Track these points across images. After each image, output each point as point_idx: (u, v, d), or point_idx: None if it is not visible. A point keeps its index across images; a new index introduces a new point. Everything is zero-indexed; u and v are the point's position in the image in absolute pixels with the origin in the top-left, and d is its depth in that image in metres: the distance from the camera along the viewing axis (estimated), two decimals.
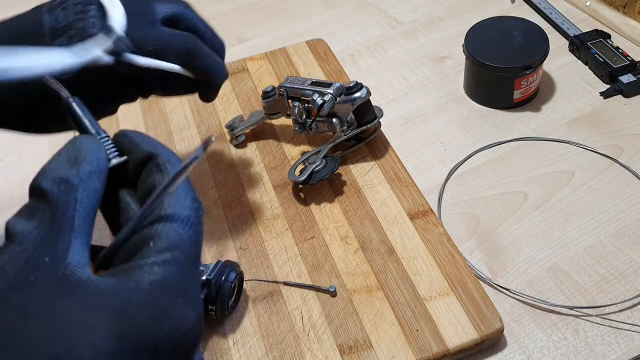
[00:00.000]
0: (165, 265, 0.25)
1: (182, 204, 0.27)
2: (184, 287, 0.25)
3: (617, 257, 0.55)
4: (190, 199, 0.28)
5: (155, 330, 0.24)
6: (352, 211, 0.59)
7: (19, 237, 0.24)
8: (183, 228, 0.26)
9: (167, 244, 0.26)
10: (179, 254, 0.26)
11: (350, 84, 0.60)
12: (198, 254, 0.27)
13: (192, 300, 0.26)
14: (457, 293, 0.51)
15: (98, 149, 0.28)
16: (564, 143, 0.66)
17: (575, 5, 0.82)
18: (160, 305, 0.24)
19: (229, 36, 0.84)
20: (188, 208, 0.27)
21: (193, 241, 0.27)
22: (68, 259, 0.24)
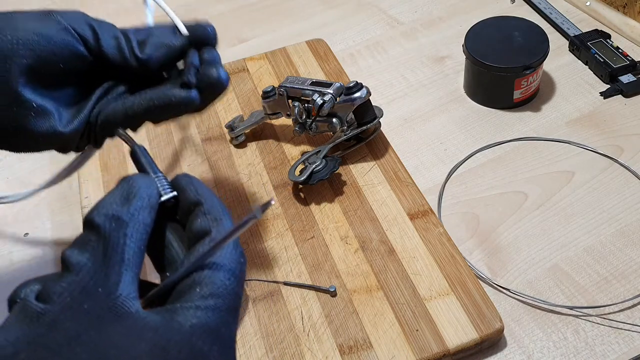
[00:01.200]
0: (207, 310, 0.27)
1: (230, 255, 0.29)
2: (222, 335, 0.27)
3: (617, 257, 0.55)
4: (239, 253, 0.30)
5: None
6: (352, 211, 0.59)
7: (75, 267, 0.26)
8: (228, 279, 0.28)
9: (211, 290, 0.27)
10: (221, 302, 0.27)
11: (350, 84, 0.60)
12: (238, 306, 0.29)
13: (228, 349, 0.27)
14: (457, 293, 0.51)
15: (150, 186, 0.30)
16: (564, 143, 0.66)
17: (575, 5, 0.82)
18: (198, 349, 0.25)
19: (229, 36, 0.84)
20: (235, 261, 0.29)
21: (236, 293, 0.28)
22: (119, 291, 0.26)
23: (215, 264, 0.28)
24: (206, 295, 0.27)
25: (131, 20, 0.93)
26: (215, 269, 0.28)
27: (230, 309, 0.28)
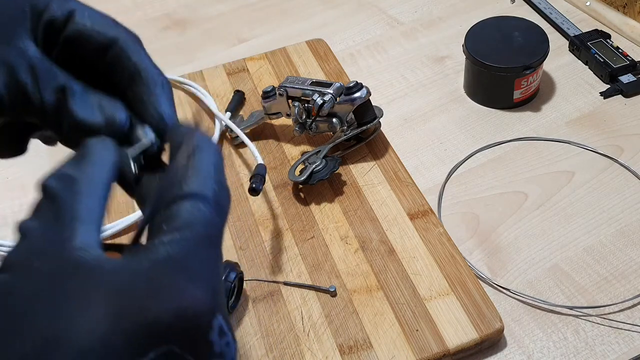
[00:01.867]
0: (171, 244, 0.24)
1: (203, 183, 0.27)
2: (190, 266, 0.24)
3: (617, 257, 0.55)
4: (213, 180, 0.27)
5: (151, 306, 0.23)
6: (352, 211, 0.59)
7: (27, 233, 0.25)
8: (198, 208, 0.26)
9: (178, 224, 0.25)
10: (188, 233, 0.25)
11: (350, 84, 0.60)
12: (213, 235, 0.26)
13: (198, 278, 0.24)
14: (457, 293, 0.51)
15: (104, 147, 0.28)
16: (564, 143, 0.66)
17: (575, 5, 0.82)
18: (158, 282, 0.23)
19: (229, 36, 0.84)
20: (209, 189, 0.27)
21: (208, 221, 0.26)
22: (73, 243, 0.24)
23: (185, 194, 0.26)
24: (171, 229, 0.25)
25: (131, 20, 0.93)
26: (184, 199, 0.26)
27: (200, 237, 0.25)
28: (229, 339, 0.25)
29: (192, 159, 0.28)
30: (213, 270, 0.25)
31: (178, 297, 0.23)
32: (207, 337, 0.24)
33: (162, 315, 0.23)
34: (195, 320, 0.23)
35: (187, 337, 0.23)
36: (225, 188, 0.28)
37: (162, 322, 0.22)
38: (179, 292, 0.23)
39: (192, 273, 0.24)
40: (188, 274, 0.24)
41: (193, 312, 0.23)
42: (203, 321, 0.24)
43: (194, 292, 0.24)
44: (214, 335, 0.24)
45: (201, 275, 0.24)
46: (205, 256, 0.25)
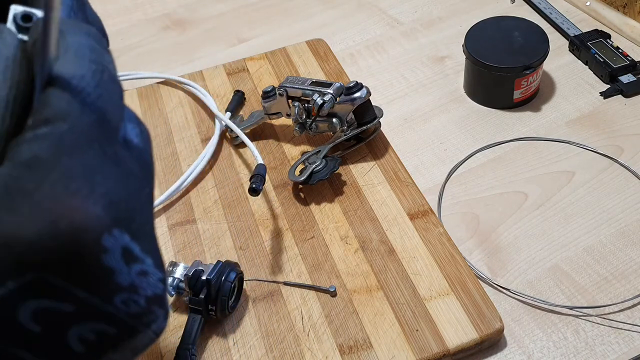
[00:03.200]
0: (37, 141, 0.18)
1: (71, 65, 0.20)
2: (66, 166, 0.18)
3: (617, 257, 0.55)
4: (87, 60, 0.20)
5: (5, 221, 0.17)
6: (352, 211, 0.59)
7: None
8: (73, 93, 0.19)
9: (48, 114, 0.19)
10: (61, 125, 0.19)
11: (350, 84, 0.60)
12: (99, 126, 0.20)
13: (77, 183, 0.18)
14: (457, 293, 0.51)
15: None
16: (564, 143, 0.66)
17: (575, 5, 0.82)
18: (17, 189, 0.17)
19: (229, 36, 0.84)
20: (81, 68, 0.20)
21: (88, 106, 0.19)
22: None
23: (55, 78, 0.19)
24: (39, 122, 0.19)
25: (131, 20, 0.93)
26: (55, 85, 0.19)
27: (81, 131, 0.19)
28: (144, 266, 0.19)
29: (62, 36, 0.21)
30: (102, 172, 0.19)
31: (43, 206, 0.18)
32: (100, 262, 0.18)
33: (21, 232, 0.17)
34: (75, 237, 0.18)
35: (65, 262, 0.18)
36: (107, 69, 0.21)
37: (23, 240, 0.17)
38: (47, 199, 0.18)
39: (67, 177, 0.18)
40: (61, 178, 0.18)
41: (68, 223, 0.18)
42: (86, 239, 0.18)
43: (68, 199, 0.18)
44: (113, 260, 0.18)
45: (82, 179, 0.18)
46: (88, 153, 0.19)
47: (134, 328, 0.19)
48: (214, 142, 0.66)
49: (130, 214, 0.19)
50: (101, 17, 0.44)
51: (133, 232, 0.19)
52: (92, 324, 0.19)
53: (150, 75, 0.74)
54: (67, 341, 0.18)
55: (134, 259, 0.19)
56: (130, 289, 0.19)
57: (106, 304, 0.19)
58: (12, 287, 0.17)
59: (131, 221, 0.19)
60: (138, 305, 0.19)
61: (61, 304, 0.18)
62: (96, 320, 0.19)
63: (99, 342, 0.19)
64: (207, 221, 0.59)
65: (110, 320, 0.19)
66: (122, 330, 0.19)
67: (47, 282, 0.17)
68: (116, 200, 0.19)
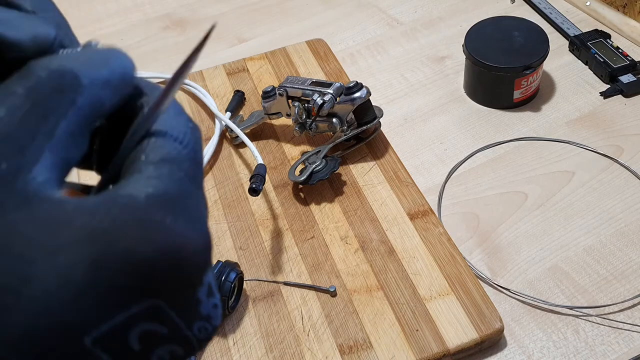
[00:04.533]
0: (162, 178, 0.20)
1: (175, 120, 0.23)
2: (186, 205, 0.20)
3: (617, 257, 0.55)
4: (185, 118, 0.23)
5: (144, 250, 0.18)
6: (352, 211, 0.59)
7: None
8: (180, 142, 0.22)
9: (162, 156, 0.21)
10: (177, 169, 0.21)
11: (350, 84, 0.60)
12: (199, 175, 0.22)
13: (195, 220, 0.20)
14: (457, 293, 0.51)
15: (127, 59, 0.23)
16: (564, 143, 0.66)
17: (575, 5, 0.82)
18: (152, 221, 0.19)
19: (229, 36, 0.84)
20: (183, 125, 0.23)
21: (192, 158, 0.22)
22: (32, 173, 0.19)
23: (159, 131, 0.22)
24: (157, 160, 0.21)
25: (131, 20, 0.93)
26: (161, 135, 0.22)
27: (190, 176, 0.21)
28: (216, 300, 0.21)
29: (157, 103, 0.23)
30: (205, 214, 0.22)
31: (175, 241, 0.19)
32: (196, 294, 0.20)
33: (156, 262, 0.19)
34: (189, 268, 0.20)
35: (176, 289, 0.19)
36: (195, 124, 0.24)
37: (150, 267, 0.19)
38: (176, 235, 0.19)
39: (184, 212, 0.20)
40: (180, 212, 0.20)
41: (187, 256, 0.19)
42: (196, 271, 0.20)
43: (192, 236, 0.20)
44: (203, 293, 0.21)
45: (199, 218, 0.21)
46: (198, 198, 0.21)
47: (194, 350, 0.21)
48: (214, 142, 0.66)
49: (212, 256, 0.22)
50: (101, 17, 0.45)
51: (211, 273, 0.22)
52: (173, 346, 0.20)
53: (150, 75, 0.74)
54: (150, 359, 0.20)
55: (212, 294, 0.21)
56: (206, 318, 0.21)
57: (188, 330, 0.21)
58: (135, 311, 0.19)
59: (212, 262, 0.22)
60: (207, 332, 0.21)
61: (161, 328, 0.20)
62: (177, 343, 0.20)
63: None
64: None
65: (185, 343, 0.21)
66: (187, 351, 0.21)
67: (159, 308, 0.19)
68: (210, 241, 0.21)
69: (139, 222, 0.19)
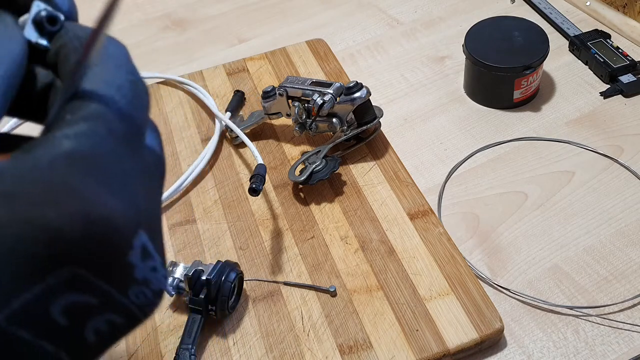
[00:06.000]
0: (78, 137, 0.19)
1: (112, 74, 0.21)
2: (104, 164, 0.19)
3: (617, 257, 0.55)
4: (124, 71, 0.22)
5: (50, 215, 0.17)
6: (352, 211, 0.59)
7: None
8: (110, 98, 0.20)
9: (85, 113, 0.19)
10: (99, 126, 0.19)
11: (350, 84, 0.60)
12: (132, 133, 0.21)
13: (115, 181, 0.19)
14: (457, 293, 0.51)
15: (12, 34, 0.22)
16: (564, 143, 0.66)
17: (575, 5, 0.82)
18: (62, 182, 0.18)
19: (229, 36, 0.84)
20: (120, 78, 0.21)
21: (124, 114, 0.20)
22: None
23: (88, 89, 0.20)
24: (77, 119, 0.19)
25: (131, 20, 0.93)
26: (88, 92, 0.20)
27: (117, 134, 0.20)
28: (155, 263, 0.20)
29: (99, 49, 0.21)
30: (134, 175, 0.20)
31: (87, 203, 0.18)
32: (126, 259, 0.19)
33: (65, 227, 0.17)
34: (110, 235, 0.18)
35: (98, 257, 0.18)
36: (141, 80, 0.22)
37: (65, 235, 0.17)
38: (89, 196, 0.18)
39: (106, 175, 0.19)
40: (101, 175, 0.18)
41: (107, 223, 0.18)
42: (120, 237, 0.19)
43: (108, 198, 0.18)
44: (135, 257, 0.19)
45: (118, 178, 0.19)
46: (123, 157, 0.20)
47: (137, 317, 0.20)
48: (214, 142, 0.66)
49: (151, 216, 0.21)
50: None
51: (151, 233, 0.20)
52: (108, 315, 0.19)
53: (151, 75, 0.74)
54: (85, 333, 0.19)
55: (148, 256, 0.20)
56: (143, 283, 0.20)
57: (122, 296, 0.19)
58: (51, 282, 0.17)
59: (151, 222, 0.20)
60: (146, 297, 0.20)
61: (89, 298, 0.19)
62: (112, 312, 0.19)
63: (110, 332, 0.20)
64: (207, 221, 0.59)
65: (122, 311, 0.20)
66: (128, 320, 0.20)
67: (81, 277, 0.18)
68: (143, 203, 0.20)
69: (44, 185, 0.17)
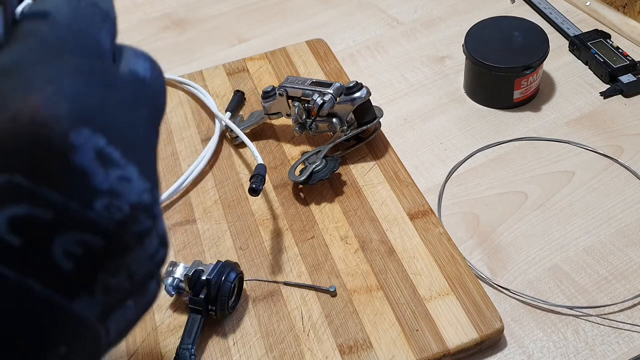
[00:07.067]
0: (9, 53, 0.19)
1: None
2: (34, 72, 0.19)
3: (617, 257, 0.55)
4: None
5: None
6: (352, 211, 0.59)
7: None
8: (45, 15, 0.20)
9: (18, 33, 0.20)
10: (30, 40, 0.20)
11: (350, 84, 0.60)
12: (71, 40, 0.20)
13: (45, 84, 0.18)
14: (457, 293, 0.51)
15: None
16: (564, 143, 0.66)
17: (575, 5, 0.82)
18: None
19: (229, 36, 0.84)
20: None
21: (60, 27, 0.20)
22: None
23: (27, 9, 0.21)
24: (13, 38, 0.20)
25: (131, 20, 0.93)
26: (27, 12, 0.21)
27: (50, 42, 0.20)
28: (124, 172, 0.19)
29: None
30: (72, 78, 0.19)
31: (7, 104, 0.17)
32: (70, 160, 0.17)
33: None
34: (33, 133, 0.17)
35: (31, 159, 0.17)
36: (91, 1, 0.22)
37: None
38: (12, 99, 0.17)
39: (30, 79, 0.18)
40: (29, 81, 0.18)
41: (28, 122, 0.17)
42: (47, 134, 0.17)
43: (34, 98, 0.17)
44: (85, 159, 0.18)
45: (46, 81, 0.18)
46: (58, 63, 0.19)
47: (122, 240, 0.19)
48: (214, 142, 0.66)
49: (107, 120, 0.19)
50: None
51: (112, 138, 0.18)
52: (75, 234, 0.18)
53: None
54: (53, 256, 0.17)
55: (112, 164, 0.18)
56: (110, 194, 0.18)
57: (86, 209, 0.18)
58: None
59: (108, 126, 0.19)
60: (121, 211, 0.18)
61: (38, 210, 0.17)
62: (79, 229, 0.18)
63: (88, 257, 0.18)
64: (207, 221, 0.59)
65: (94, 228, 0.18)
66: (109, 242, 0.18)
67: (19, 184, 0.17)
68: (87, 103, 0.18)
69: None
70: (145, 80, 0.22)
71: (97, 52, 0.21)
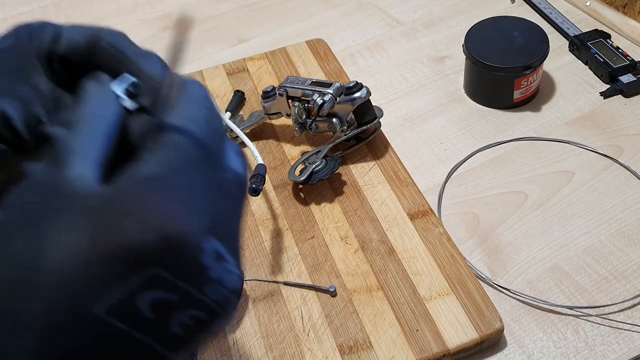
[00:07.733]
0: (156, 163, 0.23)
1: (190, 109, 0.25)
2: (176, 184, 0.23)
3: (617, 257, 0.55)
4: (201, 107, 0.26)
5: (128, 226, 0.21)
6: (352, 211, 0.59)
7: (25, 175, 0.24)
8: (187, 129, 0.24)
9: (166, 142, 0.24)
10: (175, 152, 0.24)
11: (350, 84, 0.60)
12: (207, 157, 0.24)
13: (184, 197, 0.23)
14: (457, 293, 0.51)
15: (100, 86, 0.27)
16: (564, 143, 0.66)
17: (575, 5, 0.82)
18: (138, 201, 0.22)
19: (229, 36, 0.84)
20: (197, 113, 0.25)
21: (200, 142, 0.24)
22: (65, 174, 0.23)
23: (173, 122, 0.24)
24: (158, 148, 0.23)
25: (131, 21, 0.93)
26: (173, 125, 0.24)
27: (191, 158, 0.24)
28: (229, 266, 0.24)
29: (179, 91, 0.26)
30: (207, 192, 0.24)
31: (159, 215, 0.22)
32: (199, 261, 0.23)
33: (141, 236, 0.21)
34: (180, 240, 0.22)
35: (174, 260, 0.22)
36: (217, 115, 0.27)
37: (142, 243, 0.21)
38: (161, 210, 0.22)
39: (177, 193, 0.23)
40: (172, 193, 0.23)
41: (176, 231, 0.22)
42: (189, 242, 0.22)
43: (176, 210, 0.22)
44: (208, 259, 0.23)
45: (188, 194, 0.23)
46: (197, 178, 0.24)
47: (217, 313, 0.24)
48: None
49: (224, 226, 0.24)
50: (101, 18, 0.44)
51: (224, 240, 0.24)
52: (190, 311, 0.23)
53: None
54: (170, 326, 0.23)
55: (222, 259, 0.24)
56: (218, 282, 0.23)
57: (201, 294, 0.23)
58: (136, 280, 0.21)
59: (224, 232, 0.24)
60: (223, 295, 0.24)
61: (170, 295, 0.22)
62: (193, 308, 0.23)
63: (194, 326, 0.23)
64: None
65: (203, 307, 0.23)
66: (210, 315, 0.24)
67: (161, 276, 0.22)
68: (213, 217, 0.24)
69: (130, 203, 0.22)
70: (242, 177, 0.27)
71: (220, 162, 0.26)
